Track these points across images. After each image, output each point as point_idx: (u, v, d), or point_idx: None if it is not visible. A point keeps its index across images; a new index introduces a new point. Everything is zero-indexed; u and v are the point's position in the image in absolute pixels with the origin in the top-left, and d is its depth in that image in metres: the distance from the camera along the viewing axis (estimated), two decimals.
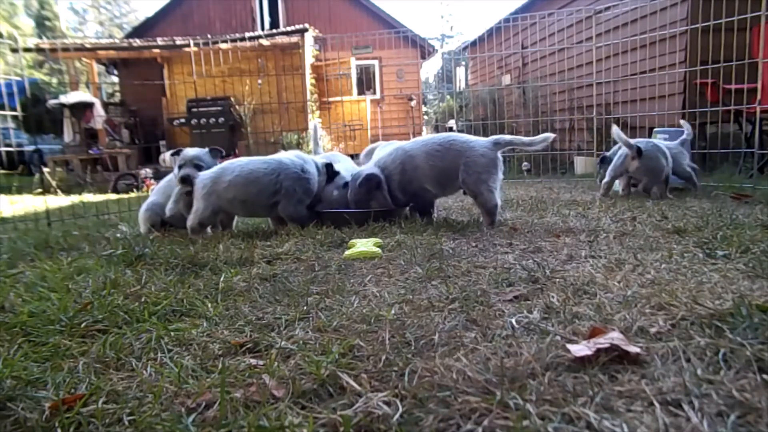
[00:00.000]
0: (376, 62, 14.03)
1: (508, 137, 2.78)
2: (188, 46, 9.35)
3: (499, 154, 2.79)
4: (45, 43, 10.60)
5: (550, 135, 2.74)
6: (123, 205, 4.83)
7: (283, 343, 1.20)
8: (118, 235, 2.95)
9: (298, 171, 2.85)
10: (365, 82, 14.30)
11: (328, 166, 2.98)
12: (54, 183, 6.94)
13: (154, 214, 3.06)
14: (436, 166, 2.78)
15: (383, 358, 1.08)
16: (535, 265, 1.81)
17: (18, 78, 7.02)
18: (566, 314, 1.28)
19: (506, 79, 10.92)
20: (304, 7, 14.92)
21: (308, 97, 10.38)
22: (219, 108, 9.86)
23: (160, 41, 10.83)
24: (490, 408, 0.86)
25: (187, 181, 2.81)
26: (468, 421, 0.84)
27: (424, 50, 15.20)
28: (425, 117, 16.70)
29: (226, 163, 2.90)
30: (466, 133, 3.39)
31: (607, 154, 4.20)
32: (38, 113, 9.64)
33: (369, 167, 2.96)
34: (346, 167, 3.24)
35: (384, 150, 3.17)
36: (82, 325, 1.40)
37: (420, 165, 2.80)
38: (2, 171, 11.94)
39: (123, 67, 12.50)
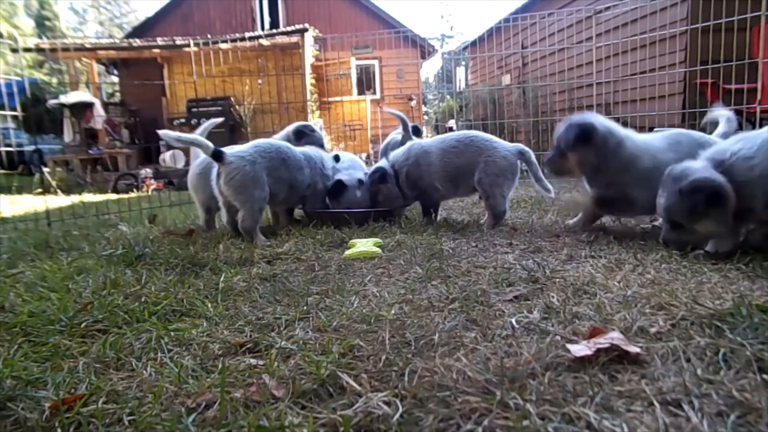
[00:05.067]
0: (376, 62, 14.03)
1: (532, 157, 2.73)
2: (188, 46, 9.34)
3: (519, 163, 2.75)
4: (45, 43, 10.58)
5: (552, 195, 2.71)
6: (123, 205, 4.83)
7: (283, 343, 1.20)
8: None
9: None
10: (365, 82, 14.30)
11: (337, 184, 2.97)
12: (54, 183, 6.94)
13: None
14: (452, 162, 2.75)
15: (383, 358, 1.08)
16: (535, 265, 1.80)
17: (18, 78, 7.01)
18: (566, 314, 1.28)
19: (506, 79, 10.92)
20: (304, 7, 14.92)
21: (308, 97, 10.38)
22: (219, 108, 9.84)
23: (160, 41, 10.83)
24: (490, 408, 0.86)
25: None
26: (468, 421, 0.84)
27: (424, 50, 15.21)
28: (425, 117, 16.71)
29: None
30: None
31: None
32: (38, 113, 9.63)
33: (380, 162, 2.99)
34: (350, 163, 3.24)
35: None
36: (82, 325, 1.40)
37: (434, 162, 2.78)
38: (2, 171, 11.94)
39: (123, 67, 12.51)
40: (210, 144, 2.52)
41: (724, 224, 1.81)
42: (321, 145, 3.18)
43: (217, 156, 2.52)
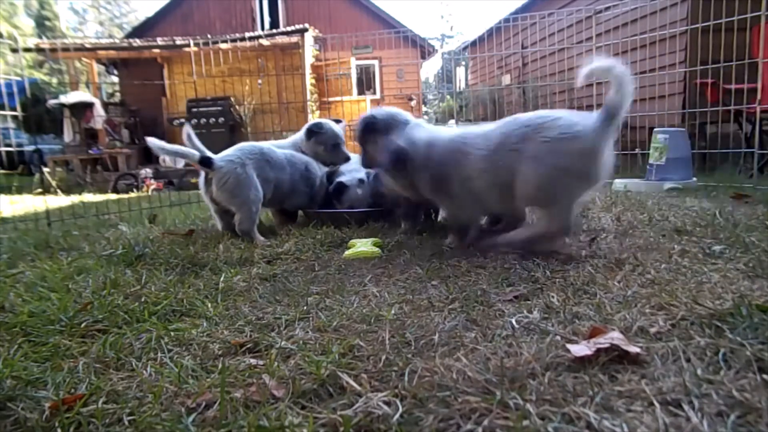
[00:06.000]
0: (376, 62, 14.03)
1: None
2: (188, 46, 9.34)
3: None
4: (45, 43, 10.59)
5: None
6: (123, 205, 4.83)
7: (283, 343, 1.20)
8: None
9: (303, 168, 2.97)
10: (365, 82, 14.30)
11: (338, 185, 2.98)
12: (54, 183, 6.94)
13: None
14: None
15: (383, 358, 1.08)
16: (535, 265, 1.80)
17: (18, 78, 7.01)
18: (566, 314, 1.28)
19: (506, 79, 10.93)
20: (304, 7, 14.92)
21: (308, 97, 10.38)
22: (219, 108, 9.85)
23: (160, 41, 10.84)
24: (490, 408, 0.86)
25: None
26: (468, 421, 0.84)
27: (424, 50, 15.21)
28: (425, 117, 16.71)
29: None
30: None
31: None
32: (38, 113, 9.64)
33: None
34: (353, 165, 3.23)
35: None
36: (82, 325, 1.40)
37: None
38: (2, 171, 11.94)
39: (123, 67, 12.51)
40: (196, 152, 2.49)
41: (405, 187, 2.30)
42: (334, 144, 3.13)
43: (206, 162, 2.50)
